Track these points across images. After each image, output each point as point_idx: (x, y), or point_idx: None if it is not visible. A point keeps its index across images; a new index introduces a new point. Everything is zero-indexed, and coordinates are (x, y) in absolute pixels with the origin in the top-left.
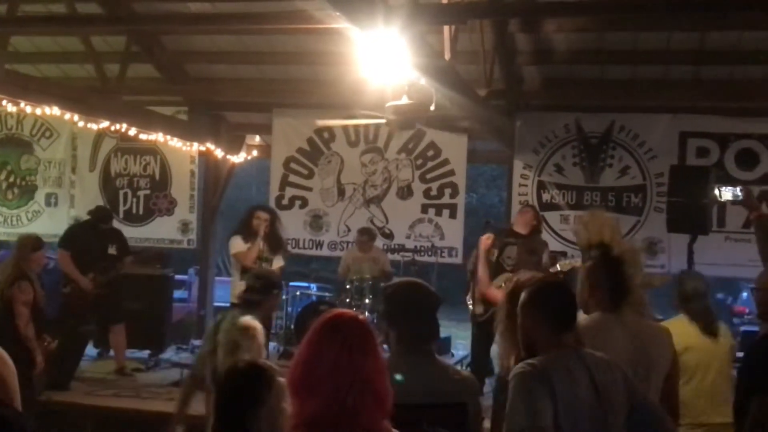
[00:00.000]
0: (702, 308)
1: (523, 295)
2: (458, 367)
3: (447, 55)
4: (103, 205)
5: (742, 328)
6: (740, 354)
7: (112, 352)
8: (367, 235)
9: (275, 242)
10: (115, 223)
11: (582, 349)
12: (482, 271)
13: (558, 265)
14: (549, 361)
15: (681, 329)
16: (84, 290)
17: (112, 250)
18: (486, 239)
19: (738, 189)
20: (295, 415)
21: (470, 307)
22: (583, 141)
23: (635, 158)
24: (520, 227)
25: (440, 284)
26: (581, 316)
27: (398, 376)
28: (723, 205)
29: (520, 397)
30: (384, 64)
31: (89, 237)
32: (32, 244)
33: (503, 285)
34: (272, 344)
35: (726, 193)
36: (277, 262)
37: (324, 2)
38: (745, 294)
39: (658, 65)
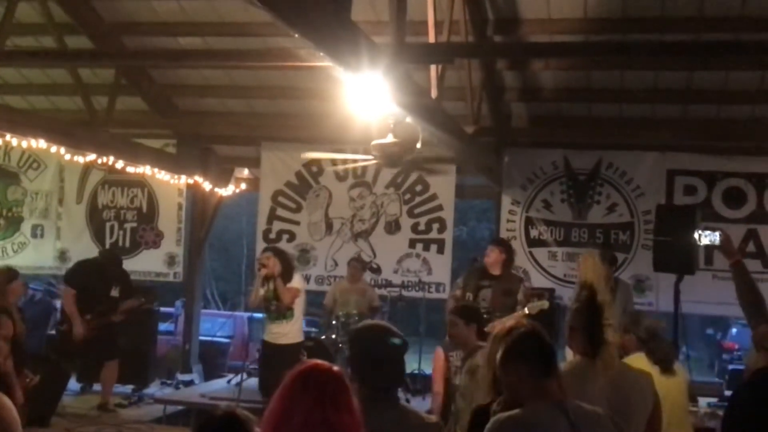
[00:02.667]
0: (663, 347)
1: (500, 352)
2: (422, 413)
3: (434, 93)
4: (114, 250)
5: (730, 367)
6: (728, 392)
7: (95, 387)
8: (360, 264)
9: (286, 269)
10: None
11: (566, 400)
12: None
13: (527, 309)
14: (531, 414)
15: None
16: (77, 335)
17: (114, 293)
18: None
19: (717, 234)
20: None
21: None
22: (571, 177)
23: (623, 195)
24: (492, 268)
25: (429, 319)
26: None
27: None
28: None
29: None
30: (370, 102)
31: (95, 277)
32: (6, 276)
33: None
34: (255, 379)
35: (705, 238)
36: (294, 283)
37: (308, 43)
38: (734, 330)
39: (645, 104)
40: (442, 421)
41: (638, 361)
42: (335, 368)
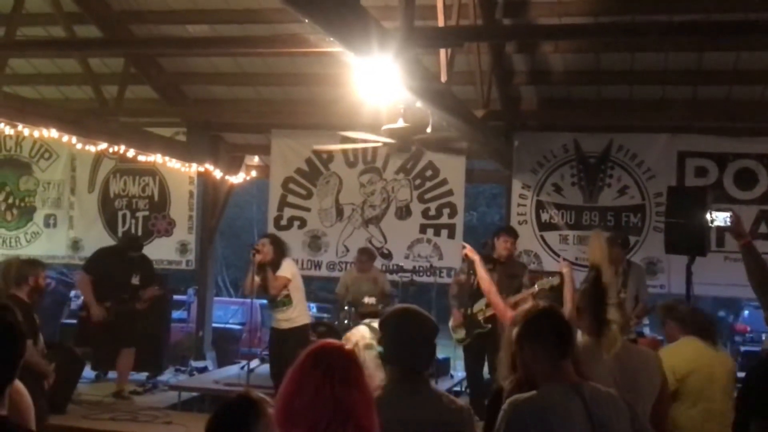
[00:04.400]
0: (703, 318)
1: (516, 329)
2: (452, 396)
3: (443, 78)
4: (135, 235)
5: (743, 348)
6: (741, 374)
7: (110, 375)
8: (366, 255)
9: (277, 259)
10: None
11: (582, 382)
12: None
13: (536, 286)
14: (546, 396)
15: (689, 351)
16: (95, 318)
17: (135, 280)
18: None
19: (728, 215)
20: None
21: (452, 334)
22: (582, 161)
23: (634, 178)
24: (500, 253)
25: (440, 304)
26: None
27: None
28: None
29: (513, 429)
30: (380, 87)
31: (114, 264)
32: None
33: (484, 309)
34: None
35: (717, 219)
36: (282, 271)
37: (318, 28)
38: (746, 312)
39: (655, 85)
40: None
41: (688, 344)
42: (347, 347)
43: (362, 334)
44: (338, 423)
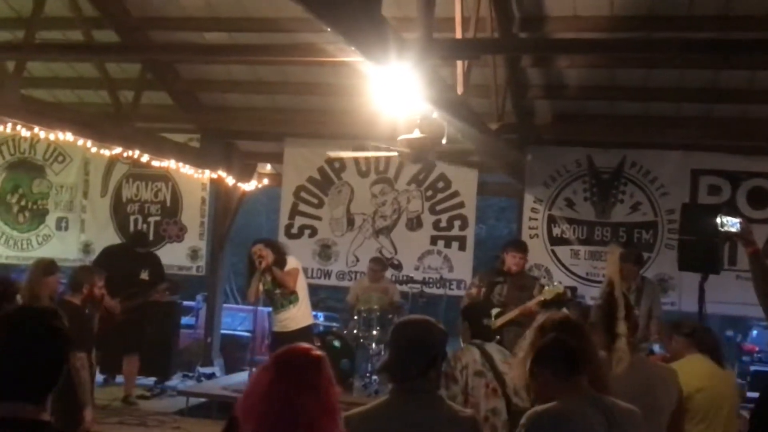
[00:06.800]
0: (710, 336)
1: (529, 358)
2: (457, 406)
3: (460, 89)
4: (142, 231)
5: (753, 368)
6: (752, 394)
7: (119, 379)
8: (380, 264)
9: (280, 259)
10: None
11: (599, 395)
12: None
13: (542, 295)
14: (565, 407)
15: (696, 368)
16: (111, 313)
17: (144, 276)
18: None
19: (738, 221)
20: None
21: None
22: (595, 176)
23: (647, 194)
24: (510, 268)
25: (448, 316)
26: None
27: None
28: (734, 244)
29: None
30: (396, 98)
31: (121, 260)
32: (44, 268)
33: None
34: None
35: (727, 225)
36: (290, 266)
37: (338, 36)
38: (755, 332)
39: (670, 102)
40: None
41: (696, 361)
42: (314, 351)
43: (474, 358)
44: (286, 424)
